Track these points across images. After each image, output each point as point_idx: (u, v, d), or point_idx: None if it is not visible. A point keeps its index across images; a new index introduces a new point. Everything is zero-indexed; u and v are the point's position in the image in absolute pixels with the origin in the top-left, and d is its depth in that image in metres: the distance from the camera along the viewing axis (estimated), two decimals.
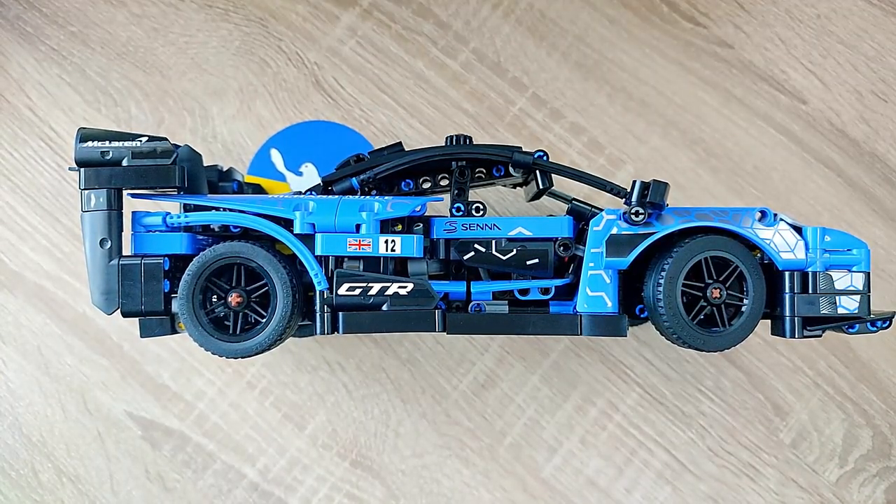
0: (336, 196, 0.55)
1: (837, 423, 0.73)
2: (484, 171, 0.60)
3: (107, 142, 0.52)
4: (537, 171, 0.58)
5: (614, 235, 0.53)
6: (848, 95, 0.73)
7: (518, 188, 0.67)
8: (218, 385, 0.74)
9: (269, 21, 0.74)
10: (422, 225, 0.56)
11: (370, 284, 0.54)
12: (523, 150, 0.57)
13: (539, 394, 0.73)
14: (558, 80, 0.74)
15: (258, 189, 0.72)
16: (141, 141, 0.52)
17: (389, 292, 0.54)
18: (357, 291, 0.54)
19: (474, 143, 0.59)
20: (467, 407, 0.74)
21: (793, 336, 0.54)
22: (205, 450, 0.74)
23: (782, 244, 0.53)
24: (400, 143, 0.60)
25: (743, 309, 0.54)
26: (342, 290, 0.53)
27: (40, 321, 0.73)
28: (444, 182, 0.60)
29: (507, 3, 0.74)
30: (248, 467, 0.74)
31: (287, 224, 0.54)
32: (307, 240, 0.54)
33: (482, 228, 0.56)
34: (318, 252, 0.53)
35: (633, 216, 0.53)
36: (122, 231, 0.54)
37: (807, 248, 0.53)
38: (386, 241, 0.53)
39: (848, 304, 0.53)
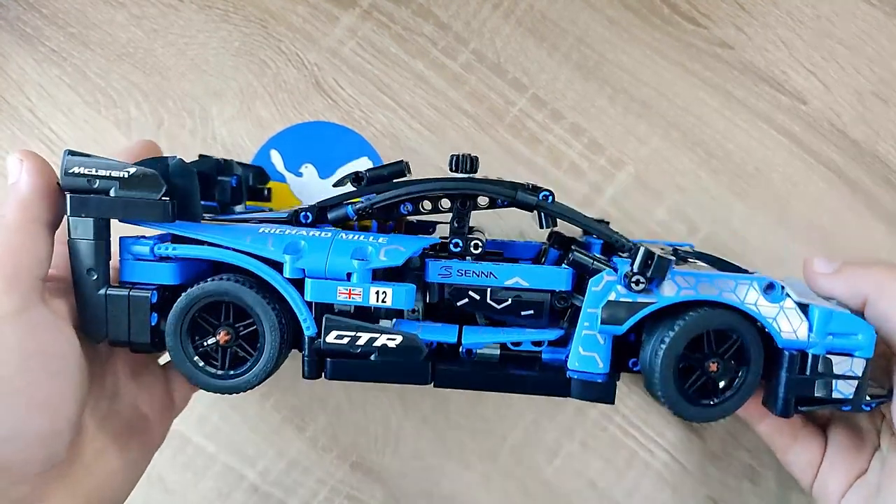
0: (328, 235, 0.53)
1: None
2: (487, 199, 0.58)
3: (94, 170, 0.50)
4: (540, 211, 0.56)
5: (612, 302, 0.51)
6: (849, 97, 0.73)
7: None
8: None
9: (269, 22, 0.74)
10: (414, 271, 0.55)
11: (358, 334, 0.52)
12: (529, 187, 0.55)
13: (540, 396, 0.73)
14: (559, 80, 0.74)
15: (257, 193, 0.70)
16: (129, 172, 0.50)
17: (378, 343, 0.52)
18: (345, 340, 0.52)
19: (477, 172, 0.57)
20: (468, 409, 0.74)
21: (783, 415, 0.52)
22: (205, 452, 0.74)
23: (785, 324, 0.51)
24: (402, 162, 0.58)
25: (738, 381, 0.52)
26: (330, 338, 0.52)
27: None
28: (447, 203, 0.59)
29: (507, 4, 0.74)
30: (248, 469, 0.74)
31: (277, 264, 0.53)
32: (298, 282, 0.53)
33: (478, 276, 0.54)
34: (307, 298, 0.52)
35: (633, 284, 0.51)
36: (109, 259, 0.52)
37: (810, 329, 0.51)
38: (377, 293, 0.51)
39: (844, 389, 0.51)
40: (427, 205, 0.57)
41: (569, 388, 0.54)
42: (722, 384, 0.52)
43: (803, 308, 0.52)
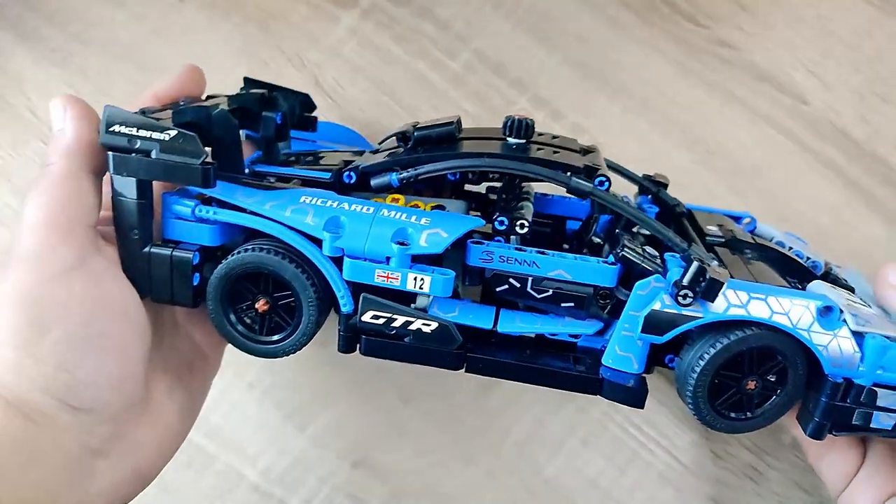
0: (370, 210, 0.52)
1: None
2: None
3: (134, 129, 0.48)
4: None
5: (656, 311, 0.49)
6: (849, 96, 0.73)
7: None
8: (219, 385, 0.73)
9: (270, 22, 0.74)
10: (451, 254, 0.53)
11: (394, 317, 0.52)
12: (582, 170, 0.53)
13: (542, 394, 0.73)
14: (559, 80, 0.74)
15: (304, 122, 0.68)
16: (170, 134, 0.48)
17: (412, 328, 0.52)
18: (381, 321, 0.52)
19: (532, 137, 0.55)
20: (470, 407, 0.74)
21: (814, 438, 0.50)
22: (206, 450, 0.74)
23: (836, 353, 0.48)
24: (453, 124, 0.55)
25: (773, 401, 0.51)
26: (366, 318, 0.52)
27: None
28: (490, 180, 0.58)
29: (508, 4, 0.74)
30: (249, 468, 0.74)
31: (317, 238, 0.52)
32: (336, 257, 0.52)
33: (520, 264, 0.52)
34: (345, 276, 0.51)
35: (680, 297, 0.49)
36: (152, 218, 0.52)
37: (861, 361, 0.48)
38: (415, 279, 0.50)
39: (884, 421, 0.49)
40: (474, 175, 0.55)
41: (601, 387, 0.52)
42: (755, 400, 0.51)
43: (858, 337, 0.49)
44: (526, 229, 0.53)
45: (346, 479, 0.74)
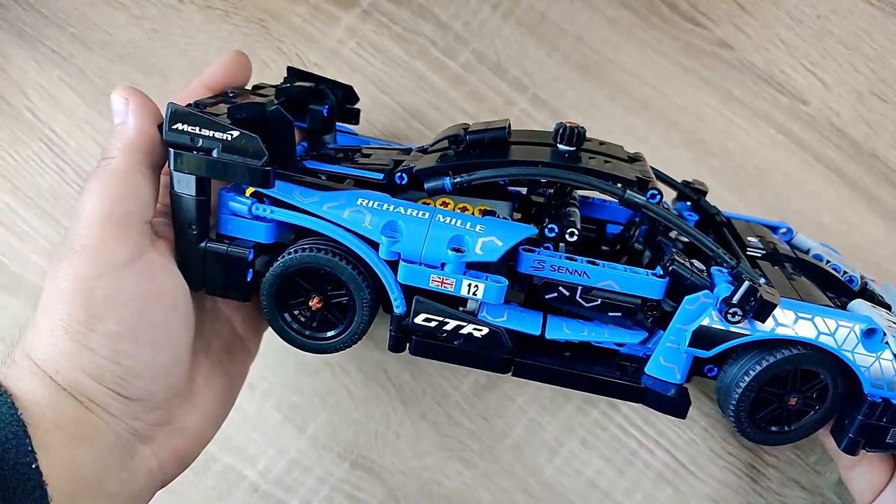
0: (426, 215, 0.52)
1: None
2: None
3: (197, 128, 0.49)
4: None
5: (704, 327, 0.50)
6: (848, 96, 0.73)
7: None
8: None
9: (270, 22, 0.74)
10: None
11: (446, 320, 0.53)
12: (635, 183, 0.53)
13: (540, 395, 0.73)
14: (559, 80, 0.74)
15: (347, 114, 0.68)
16: (232, 135, 0.49)
17: (464, 332, 0.53)
18: (433, 324, 0.53)
19: (583, 144, 0.56)
20: (468, 408, 0.74)
21: (848, 453, 0.52)
22: (206, 451, 0.74)
23: (878, 374, 0.49)
24: (504, 129, 0.55)
25: (810, 416, 0.52)
26: (418, 320, 0.53)
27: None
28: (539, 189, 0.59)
29: (507, 4, 0.74)
30: (248, 468, 0.74)
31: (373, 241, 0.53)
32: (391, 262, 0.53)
33: (571, 273, 0.52)
34: (399, 279, 0.52)
35: (729, 315, 0.49)
36: (209, 214, 0.53)
37: None
38: (469, 285, 0.51)
39: None
40: (524, 180, 0.56)
41: (644, 396, 0.53)
42: (794, 415, 0.52)
43: None
44: (576, 237, 0.53)
45: (345, 479, 0.74)
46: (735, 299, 0.49)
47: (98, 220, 0.47)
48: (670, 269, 0.52)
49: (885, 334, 0.50)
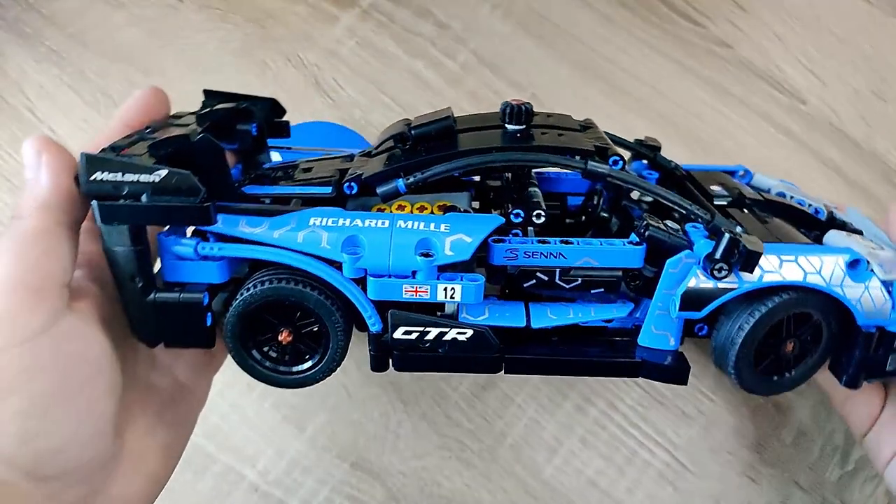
0: (386, 224, 0.49)
1: (838, 422, 0.73)
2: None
3: (119, 174, 0.44)
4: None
5: (692, 289, 0.48)
6: (847, 94, 0.73)
7: None
8: (218, 386, 0.73)
9: (268, 22, 0.74)
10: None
11: (427, 329, 0.50)
12: (594, 152, 0.51)
13: (539, 394, 0.73)
14: (557, 79, 0.74)
15: (276, 129, 0.63)
16: (160, 175, 0.44)
17: (447, 338, 0.50)
18: (413, 336, 0.50)
19: (533, 120, 0.53)
20: (467, 408, 0.74)
21: (850, 387, 0.51)
22: (204, 451, 0.74)
23: (869, 304, 0.49)
24: (448, 118, 0.53)
25: (810, 358, 0.51)
26: (398, 334, 0.50)
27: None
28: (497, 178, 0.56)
29: (506, 4, 0.74)
30: (248, 469, 0.74)
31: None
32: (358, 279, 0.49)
33: (546, 257, 0.50)
34: (370, 296, 0.49)
35: (715, 272, 0.48)
36: (151, 263, 0.49)
37: (893, 308, 0.49)
38: (445, 289, 0.48)
39: None
40: (477, 175, 0.53)
41: (640, 369, 0.51)
42: (793, 361, 0.51)
43: (887, 285, 0.49)
44: (543, 218, 0.51)
45: (344, 480, 0.74)
46: (718, 254, 0.47)
47: (8, 287, 0.43)
48: (646, 234, 0.50)
49: (868, 263, 0.49)
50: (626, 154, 0.66)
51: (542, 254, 0.50)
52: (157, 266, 0.51)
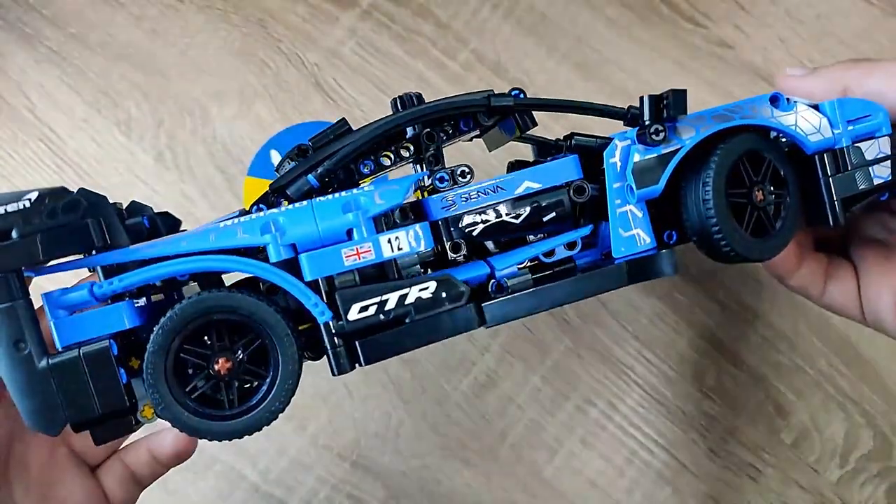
0: (304, 203, 0.45)
1: (838, 422, 0.73)
2: (450, 128, 0.51)
3: None
4: (516, 114, 0.51)
5: (639, 163, 0.47)
6: None
7: (476, 139, 0.58)
8: None
9: (269, 22, 0.74)
10: (412, 215, 0.47)
11: (385, 297, 0.44)
12: (495, 92, 0.49)
13: (539, 394, 0.73)
14: (559, 80, 0.74)
15: (173, 223, 0.52)
16: (30, 199, 0.38)
17: (410, 299, 0.45)
18: (372, 311, 0.44)
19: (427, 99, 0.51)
20: (468, 407, 0.74)
21: (837, 223, 0.51)
22: (206, 451, 0.74)
23: (807, 126, 0.50)
24: (343, 119, 0.50)
25: (785, 205, 0.50)
26: (353, 315, 0.44)
27: (41, 324, 0.73)
28: (406, 153, 0.51)
29: (507, 4, 0.74)
30: (249, 468, 0.74)
31: (253, 252, 0.44)
32: (289, 265, 0.43)
33: (485, 195, 0.47)
34: (307, 277, 0.43)
35: (652, 136, 0.47)
36: (38, 322, 0.40)
37: (831, 125, 0.50)
38: (389, 241, 0.44)
39: (881, 173, 0.51)
40: (389, 158, 0.50)
41: (625, 275, 0.48)
42: (771, 213, 0.50)
43: (814, 106, 0.51)
44: (470, 175, 0.48)
45: (345, 479, 0.74)
46: (647, 116, 0.48)
47: None
48: (573, 143, 0.50)
49: (788, 99, 0.51)
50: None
51: (480, 192, 0.48)
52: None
